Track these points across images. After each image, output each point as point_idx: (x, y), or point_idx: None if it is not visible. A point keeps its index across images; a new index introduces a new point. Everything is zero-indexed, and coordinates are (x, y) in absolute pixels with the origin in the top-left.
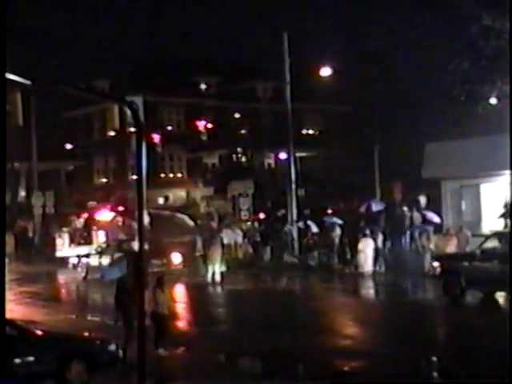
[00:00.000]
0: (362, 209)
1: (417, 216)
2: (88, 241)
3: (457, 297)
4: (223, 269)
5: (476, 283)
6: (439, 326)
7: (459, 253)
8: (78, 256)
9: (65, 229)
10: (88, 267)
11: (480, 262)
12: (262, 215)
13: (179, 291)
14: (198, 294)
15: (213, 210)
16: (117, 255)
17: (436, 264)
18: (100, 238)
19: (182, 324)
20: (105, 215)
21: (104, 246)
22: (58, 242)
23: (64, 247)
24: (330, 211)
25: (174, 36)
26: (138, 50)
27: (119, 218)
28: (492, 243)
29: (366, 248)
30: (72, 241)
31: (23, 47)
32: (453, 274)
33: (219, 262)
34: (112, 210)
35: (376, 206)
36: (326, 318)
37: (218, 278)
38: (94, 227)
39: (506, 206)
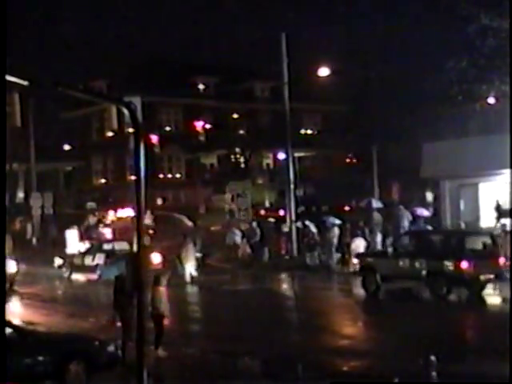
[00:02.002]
0: (363, 204)
1: (408, 215)
2: (96, 238)
3: (374, 292)
4: (193, 269)
5: (389, 279)
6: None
7: (374, 251)
8: (63, 257)
9: (75, 226)
10: (72, 267)
11: (392, 259)
12: (281, 212)
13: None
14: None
15: (234, 207)
16: (98, 255)
17: (355, 261)
18: (107, 235)
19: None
20: (121, 213)
21: (88, 246)
22: (68, 238)
23: (74, 244)
24: (347, 208)
25: (172, 36)
26: (136, 51)
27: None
28: (404, 241)
29: (358, 248)
30: (82, 238)
31: (21, 48)
32: (369, 270)
33: (193, 262)
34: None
35: (376, 204)
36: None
37: (194, 275)
38: (101, 225)
39: (497, 207)
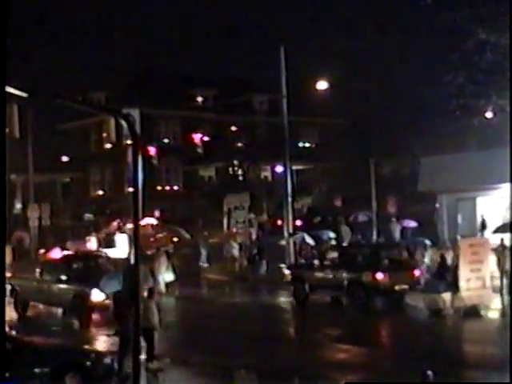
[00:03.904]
0: (351, 218)
1: (399, 227)
2: (112, 245)
3: (303, 300)
4: (172, 278)
5: (316, 289)
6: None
7: (303, 263)
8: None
9: (93, 233)
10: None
11: (318, 270)
12: (298, 222)
13: None
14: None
15: (252, 216)
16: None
17: (287, 272)
18: (123, 242)
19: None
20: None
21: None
22: (87, 245)
23: (92, 249)
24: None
25: (171, 49)
26: (135, 63)
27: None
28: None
29: None
30: (100, 244)
31: (20, 60)
32: (299, 281)
33: (164, 272)
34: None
35: (362, 217)
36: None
37: (163, 287)
38: (118, 232)
39: (482, 222)
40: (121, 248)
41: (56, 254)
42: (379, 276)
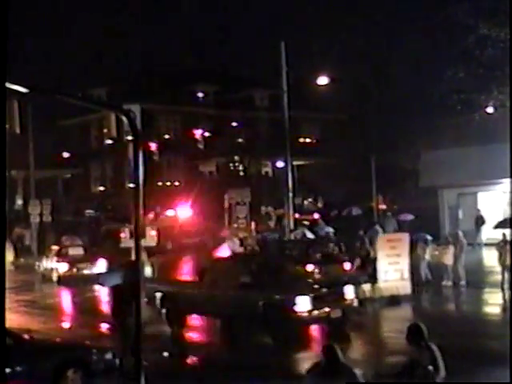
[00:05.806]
0: (345, 211)
1: (393, 221)
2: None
3: None
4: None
5: None
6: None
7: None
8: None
9: (127, 224)
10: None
11: None
12: (316, 215)
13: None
14: None
15: (270, 209)
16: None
17: None
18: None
19: None
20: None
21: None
22: (122, 235)
23: (126, 240)
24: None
25: (172, 45)
26: (136, 59)
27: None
28: None
29: None
30: (132, 235)
31: (21, 55)
32: None
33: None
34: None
35: (356, 211)
36: None
37: None
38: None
39: (477, 218)
40: (150, 239)
41: (224, 251)
42: (309, 268)
